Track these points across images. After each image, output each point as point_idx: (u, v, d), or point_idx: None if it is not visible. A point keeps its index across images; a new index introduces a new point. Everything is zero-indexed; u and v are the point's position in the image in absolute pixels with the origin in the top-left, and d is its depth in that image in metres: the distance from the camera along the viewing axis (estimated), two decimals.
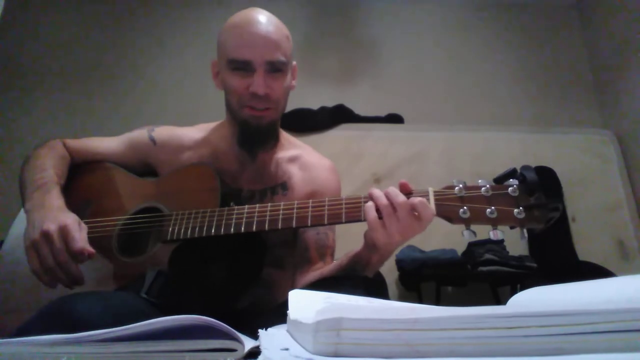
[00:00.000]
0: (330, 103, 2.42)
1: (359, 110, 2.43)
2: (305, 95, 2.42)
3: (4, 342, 0.46)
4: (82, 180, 1.07)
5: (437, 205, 0.74)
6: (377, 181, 2.19)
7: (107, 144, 1.11)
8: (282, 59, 0.94)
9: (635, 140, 2.27)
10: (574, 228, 2.15)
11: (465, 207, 0.72)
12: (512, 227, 0.73)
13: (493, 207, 0.71)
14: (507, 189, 0.72)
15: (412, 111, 2.47)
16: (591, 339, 0.34)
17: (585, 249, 2.10)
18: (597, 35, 2.62)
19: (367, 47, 2.69)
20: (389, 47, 2.69)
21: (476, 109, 2.54)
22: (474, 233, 0.72)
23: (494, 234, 0.72)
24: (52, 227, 0.77)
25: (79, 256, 0.77)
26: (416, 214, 0.73)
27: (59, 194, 0.91)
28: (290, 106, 2.28)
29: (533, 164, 2.23)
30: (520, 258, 1.91)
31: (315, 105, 2.40)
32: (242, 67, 0.93)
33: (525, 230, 0.71)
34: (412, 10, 2.75)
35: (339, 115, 2.38)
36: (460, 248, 1.97)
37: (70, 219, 0.81)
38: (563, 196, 2.21)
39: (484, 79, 2.62)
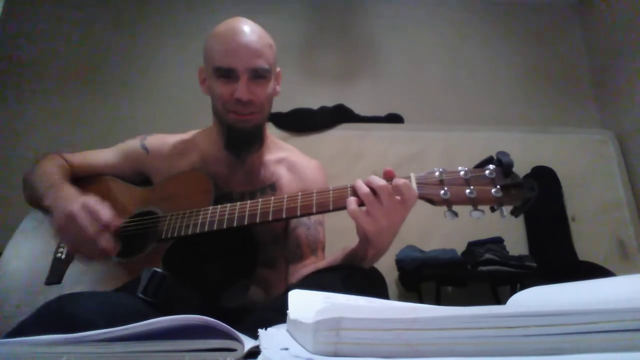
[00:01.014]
0: (330, 103, 2.42)
1: (359, 110, 2.43)
2: (305, 95, 2.42)
3: (3, 342, 0.46)
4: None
5: (419, 187, 0.78)
6: None
7: (102, 157, 1.14)
8: (265, 66, 0.98)
9: (635, 140, 2.27)
10: (574, 228, 2.15)
11: (445, 188, 0.76)
12: (493, 210, 0.77)
13: (472, 187, 0.75)
14: (485, 172, 0.77)
15: (412, 111, 2.47)
16: (590, 339, 0.34)
17: (585, 249, 2.10)
18: (597, 35, 2.62)
19: (367, 47, 2.69)
20: (388, 46, 2.68)
21: (476, 109, 2.54)
22: (456, 214, 0.76)
23: (474, 214, 0.76)
24: (75, 207, 0.84)
25: (109, 225, 0.84)
26: (398, 197, 0.75)
27: (71, 186, 0.95)
28: (290, 106, 2.32)
29: (533, 164, 2.24)
30: (520, 258, 1.91)
31: (315, 105, 2.40)
32: (227, 74, 0.96)
33: (504, 209, 0.75)
34: (412, 9, 2.75)
35: (338, 115, 2.37)
36: (460, 248, 1.97)
37: (90, 198, 0.87)
38: (563, 196, 2.21)
39: (484, 79, 2.62)
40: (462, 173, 0.77)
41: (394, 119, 2.45)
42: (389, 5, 2.75)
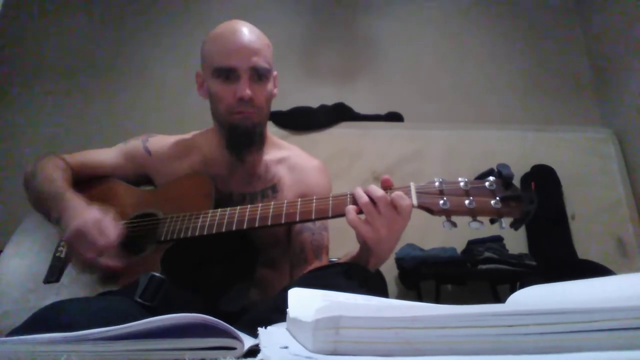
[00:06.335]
0: (330, 101, 2.42)
1: (359, 108, 2.43)
2: (305, 93, 2.42)
3: (3, 341, 0.46)
4: (82, 194, 1.08)
5: (418, 197, 0.78)
6: (377, 179, 2.18)
7: (103, 158, 1.13)
8: (265, 65, 0.98)
9: (635, 139, 2.27)
10: (574, 226, 2.16)
11: (445, 198, 0.76)
12: (492, 222, 0.77)
13: (472, 198, 0.76)
14: (484, 183, 0.77)
15: (411, 109, 2.47)
16: (590, 337, 0.34)
17: (585, 247, 2.10)
18: (597, 35, 2.62)
19: (367, 46, 2.69)
20: (388, 45, 2.68)
21: (476, 107, 2.54)
22: (455, 224, 0.76)
23: (473, 225, 0.76)
24: (81, 222, 0.86)
25: (115, 243, 0.87)
26: (395, 207, 0.76)
27: (73, 195, 0.95)
28: (290, 104, 2.32)
29: (533, 163, 2.24)
30: (519, 256, 1.92)
31: (315, 104, 2.40)
32: (228, 74, 0.96)
33: (503, 220, 0.75)
34: (412, 8, 2.75)
35: (338, 114, 2.37)
36: (460, 246, 1.97)
37: (98, 211, 0.88)
38: (563, 195, 2.21)
39: (484, 78, 2.62)
40: (462, 184, 0.77)
41: (394, 117, 2.45)
42: (389, 4, 2.74)
